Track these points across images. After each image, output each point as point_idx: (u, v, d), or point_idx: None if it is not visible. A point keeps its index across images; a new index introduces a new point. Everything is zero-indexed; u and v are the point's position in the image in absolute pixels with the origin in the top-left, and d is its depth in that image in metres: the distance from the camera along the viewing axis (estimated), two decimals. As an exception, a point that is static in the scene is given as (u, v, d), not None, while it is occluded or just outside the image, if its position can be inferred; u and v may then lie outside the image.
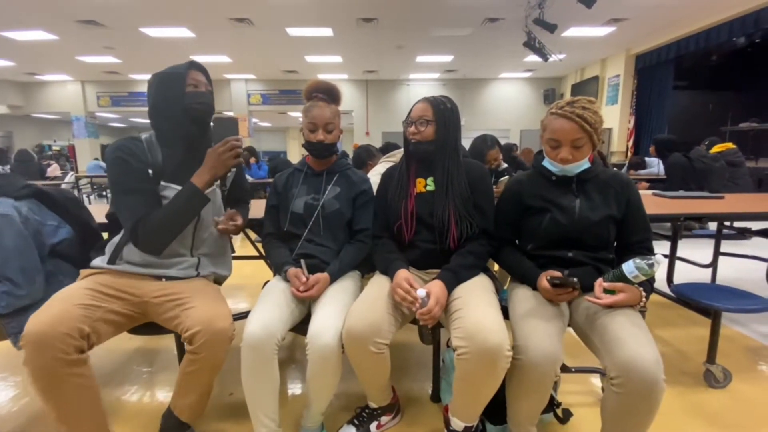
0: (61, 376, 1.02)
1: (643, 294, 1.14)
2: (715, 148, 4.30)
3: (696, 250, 3.08)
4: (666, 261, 1.50)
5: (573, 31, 6.93)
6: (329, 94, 1.46)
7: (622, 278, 1.11)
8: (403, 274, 1.25)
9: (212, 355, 1.16)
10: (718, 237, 2.66)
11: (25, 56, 8.25)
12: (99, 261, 1.30)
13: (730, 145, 4.31)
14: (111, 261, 1.27)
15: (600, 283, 1.14)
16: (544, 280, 1.20)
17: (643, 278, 1.09)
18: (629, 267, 1.09)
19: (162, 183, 1.25)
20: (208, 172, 1.23)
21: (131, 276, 1.27)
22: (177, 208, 1.22)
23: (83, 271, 1.27)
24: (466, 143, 2.22)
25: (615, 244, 1.32)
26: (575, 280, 1.14)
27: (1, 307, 1.22)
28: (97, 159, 9.58)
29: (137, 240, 1.22)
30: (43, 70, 9.83)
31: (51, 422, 1.07)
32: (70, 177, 8.19)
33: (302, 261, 1.36)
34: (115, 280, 1.24)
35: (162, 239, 1.24)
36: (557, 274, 1.19)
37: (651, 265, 1.06)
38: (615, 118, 8.53)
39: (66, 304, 1.07)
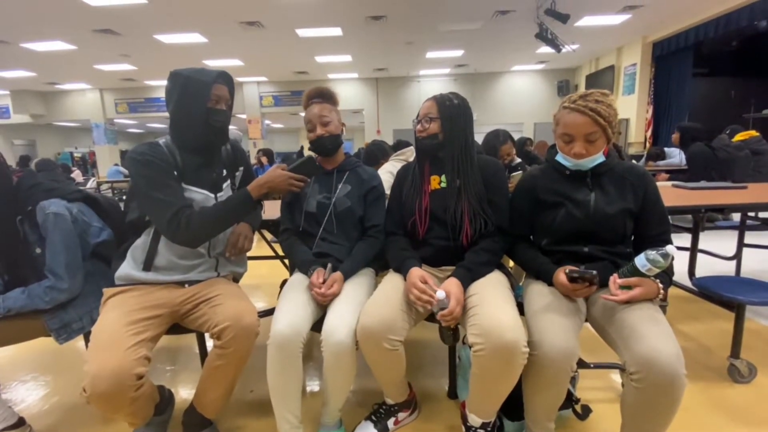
0: (127, 404, 1.10)
1: (661, 287, 1.11)
2: (738, 137, 4.15)
3: (719, 242, 2.99)
4: (682, 252, 1.46)
5: (586, 20, 6.78)
6: (321, 95, 1.49)
7: (636, 273, 1.08)
8: (416, 272, 1.25)
9: (240, 349, 1.20)
10: (741, 228, 2.58)
11: (45, 66, 8.50)
12: (128, 268, 1.30)
13: (754, 132, 4.15)
14: (146, 267, 1.29)
15: (614, 280, 1.12)
16: (561, 275, 1.18)
17: (657, 270, 1.05)
18: (641, 260, 1.06)
19: (184, 185, 1.28)
20: (265, 186, 1.26)
21: (156, 288, 1.30)
22: (228, 209, 1.26)
23: (107, 291, 1.28)
24: (479, 138, 2.20)
25: (632, 237, 1.30)
26: (594, 272, 1.12)
27: (44, 302, 1.28)
28: (117, 165, 9.84)
29: (177, 231, 1.20)
30: (62, 80, 10.13)
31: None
32: (92, 183, 8.45)
33: (329, 265, 1.37)
34: (143, 298, 1.25)
35: (205, 234, 1.26)
36: (575, 268, 1.18)
37: (664, 256, 1.03)
38: (632, 108, 8.32)
39: (118, 354, 1.07)
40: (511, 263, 1.94)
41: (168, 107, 1.29)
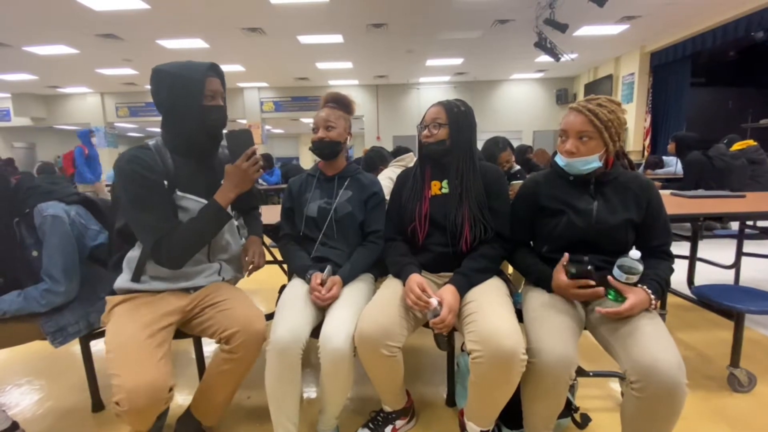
0: (155, 417, 1.09)
1: (651, 294, 1.11)
2: (736, 146, 4.18)
3: (718, 251, 3.00)
4: (681, 261, 1.46)
5: (585, 30, 6.85)
6: (335, 101, 1.51)
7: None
8: (415, 278, 1.25)
9: (248, 354, 1.20)
10: (740, 237, 2.58)
11: (47, 70, 8.53)
12: (123, 281, 1.25)
13: (751, 142, 4.18)
14: (135, 279, 1.24)
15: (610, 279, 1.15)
16: (560, 275, 1.18)
17: (636, 276, 1.10)
18: (617, 273, 1.12)
19: (178, 193, 1.21)
20: (233, 190, 1.20)
21: (163, 295, 1.26)
22: (202, 226, 1.20)
23: (110, 299, 1.23)
24: (478, 145, 2.21)
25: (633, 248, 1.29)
26: (586, 258, 1.15)
27: (41, 305, 1.27)
28: (116, 168, 9.82)
29: (161, 258, 1.18)
30: (64, 83, 10.16)
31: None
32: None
33: (329, 267, 1.38)
34: (153, 306, 1.21)
35: (185, 256, 1.22)
36: (570, 261, 1.17)
37: (634, 261, 1.09)
38: (630, 116, 8.36)
39: (151, 367, 1.05)
40: (510, 269, 1.94)
41: (159, 110, 1.20)
